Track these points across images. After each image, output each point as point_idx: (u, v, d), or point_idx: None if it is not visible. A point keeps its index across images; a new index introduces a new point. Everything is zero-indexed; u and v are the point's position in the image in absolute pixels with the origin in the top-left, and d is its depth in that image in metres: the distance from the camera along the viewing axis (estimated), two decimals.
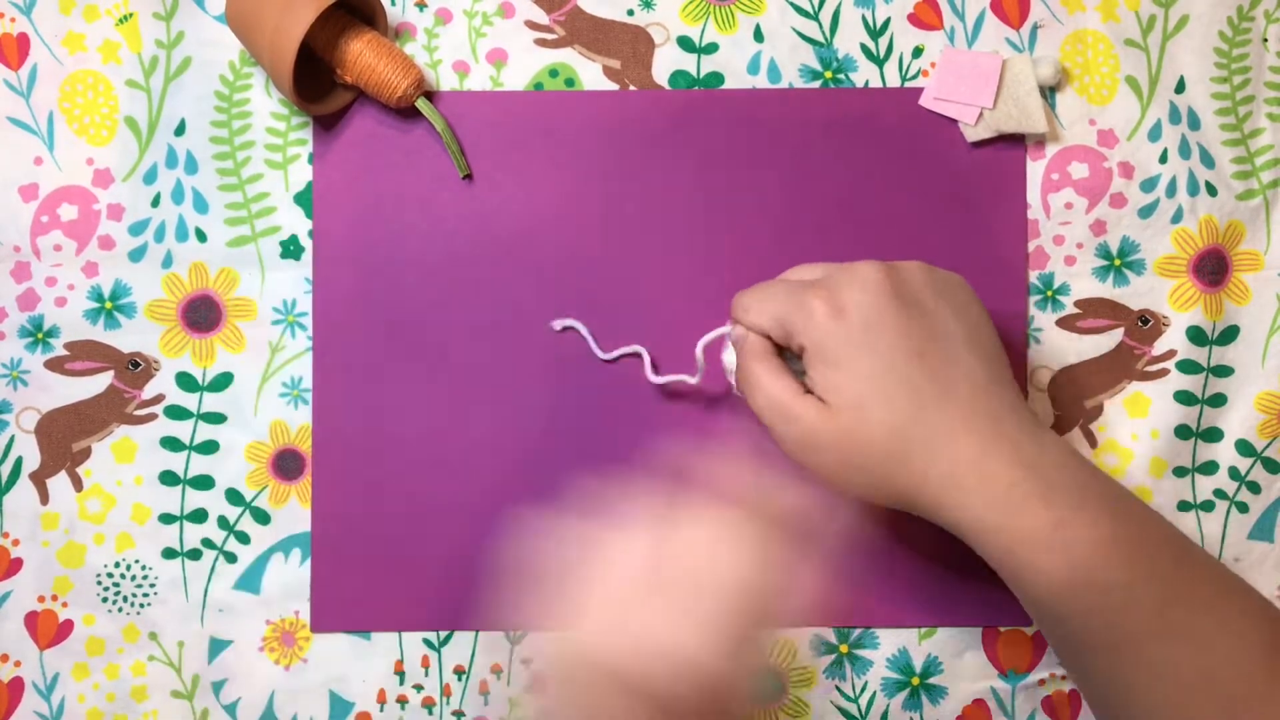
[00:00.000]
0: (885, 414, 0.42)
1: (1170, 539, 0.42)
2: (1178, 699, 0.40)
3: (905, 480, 0.42)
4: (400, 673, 0.54)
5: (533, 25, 0.55)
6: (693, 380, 0.50)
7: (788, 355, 0.46)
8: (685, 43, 0.55)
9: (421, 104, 0.52)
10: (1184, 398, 0.54)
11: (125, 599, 0.54)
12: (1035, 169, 0.54)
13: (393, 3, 0.55)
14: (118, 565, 0.54)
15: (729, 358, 0.48)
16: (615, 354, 0.53)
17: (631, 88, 0.55)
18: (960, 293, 0.45)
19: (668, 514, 0.42)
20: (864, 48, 0.55)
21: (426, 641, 0.54)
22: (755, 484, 0.43)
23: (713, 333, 0.49)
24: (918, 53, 0.55)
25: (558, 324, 0.53)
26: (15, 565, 0.54)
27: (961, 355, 0.43)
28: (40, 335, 0.54)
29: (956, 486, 0.41)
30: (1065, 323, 0.54)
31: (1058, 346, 0.54)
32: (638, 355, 0.53)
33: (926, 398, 0.42)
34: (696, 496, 0.42)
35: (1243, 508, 0.54)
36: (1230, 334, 0.54)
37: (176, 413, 0.54)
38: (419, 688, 0.54)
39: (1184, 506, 0.54)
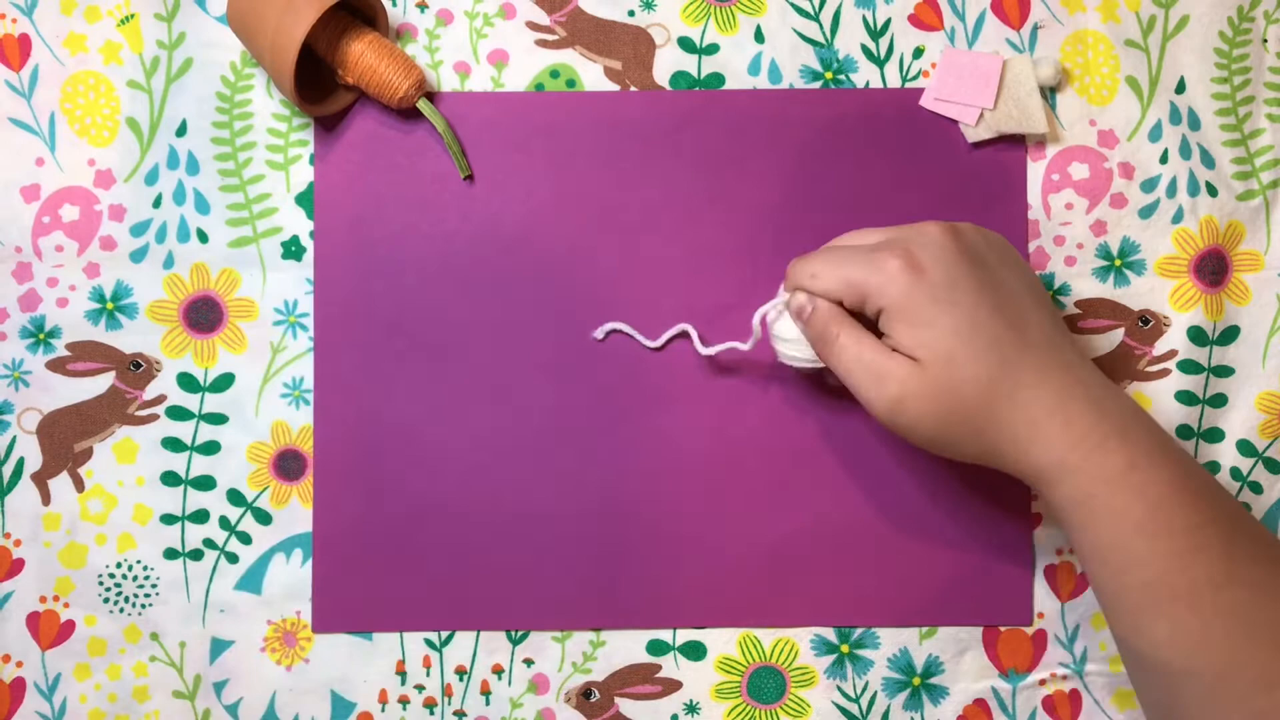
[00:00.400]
0: (974, 367, 0.43)
1: (1226, 493, 0.44)
2: (1247, 652, 0.40)
3: (993, 431, 0.43)
4: (402, 673, 0.54)
5: (534, 26, 0.55)
6: (745, 347, 0.50)
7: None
8: (686, 44, 0.55)
9: (423, 105, 0.53)
10: (1185, 398, 0.54)
11: (127, 599, 0.54)
12: (1035, 169, 0.54)
13: (394, 4, 0.55)
14: (119, 566, 0.54)
15: (783, 327, 0.48)
16: (663, 339, 0.53)
17: (632, 88, 0.55)
18: (1011, 251, 0.47)
19: None
20: (864, 48, 0.55)
21: (428, 641, 0.54)
22: None
23: (770, 303, 0.49)
24: (918, 53, 0.55)
25: (599, 332, 0.53)
26: (17, 566, 0.54)
27: (1030, 308, 0.45)
28: (42, 336, 0.54)
29: (1040, 432, 0.43)
30: (1066, 323, 0.54)
31: None
32: (685, 335, 0.53)
33: (1007, 349, 0.43)
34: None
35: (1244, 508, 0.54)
36: (1231, 334, 0.54)
37: (178, 413, 0.54)
38: (420, 688, 0.54)
39: None
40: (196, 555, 0.54)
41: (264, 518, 0.54)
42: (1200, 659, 0.41)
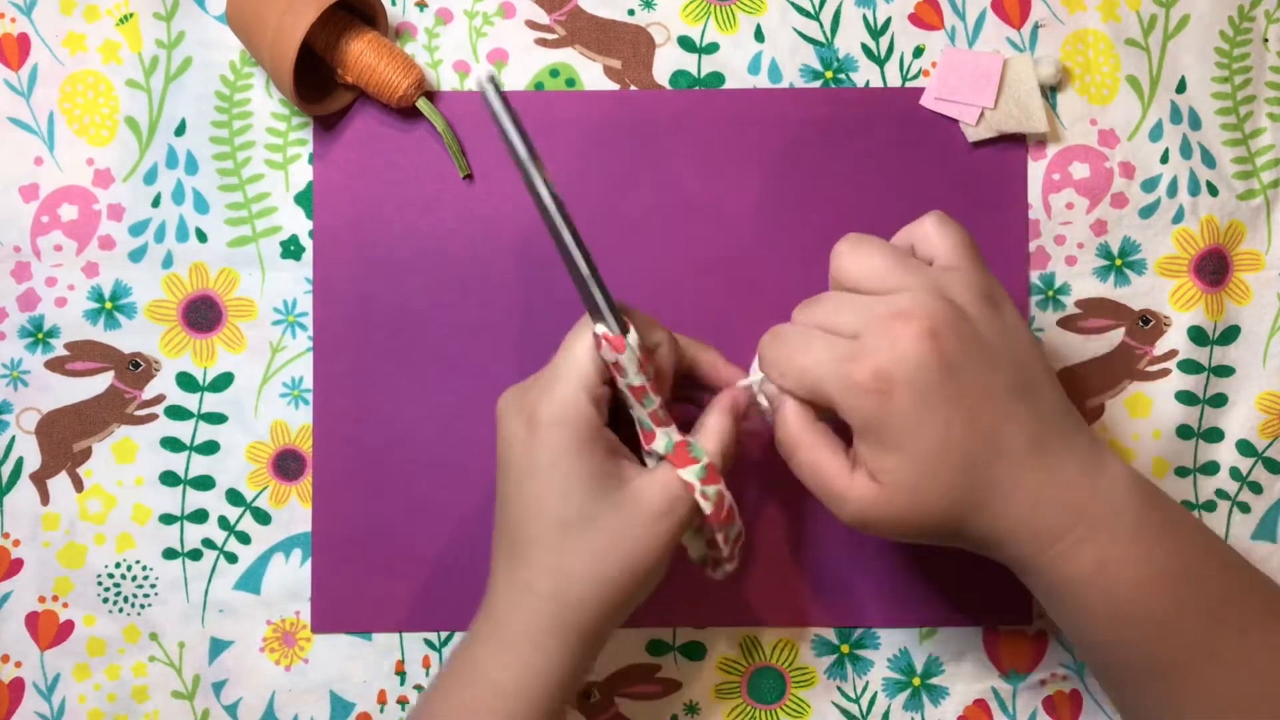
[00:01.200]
0: (941, 492, 0.40)
1: (1225, 565, 0.42)
2: None
3: (960, 538, 0.42)
4: (401, 673, 0.54)
5: (533, 25, 0.55)
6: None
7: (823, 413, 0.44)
8: (686, 42, 0.55)
9: (422, 104, 0.52)
10: (1185, 398, 0.54)
11: (126, 599, 0.54)
12: (1036, 169, 0.54)
13: (393, 3, 0.55)
14: (118, 566, 0.54)
15: (765, 401, 0.45)
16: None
17: (632, 88, 0.55)
18: (1000, 311, 0.42)
19: None
20: (865, 47, 0.55)
21: (427, 642, 0.54)
22: None
23: (743, 381, 0.45)
24: (918, 53, 0.55)
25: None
26: (16, 566, 0.54)
27: (1011, 406, 0.40)
28: (40, 335, 0.54)
29: (1009, 538, 0.41)
30: (1066, 323, 0.54)
31: (1059, 346, 0.54)
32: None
33: (980, 463, 0.40)
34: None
35: (1244, 508, 0.54)
36: (1231, 334, 0.54)
37: (177, 413, 0.54)
38: (420, 688, 0.54)
39: (1186, 507, 0.54)
40: (195, 555, 0.54)
41: (263, 518, 0.54)
42: None
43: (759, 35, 0.55)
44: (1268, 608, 0.42)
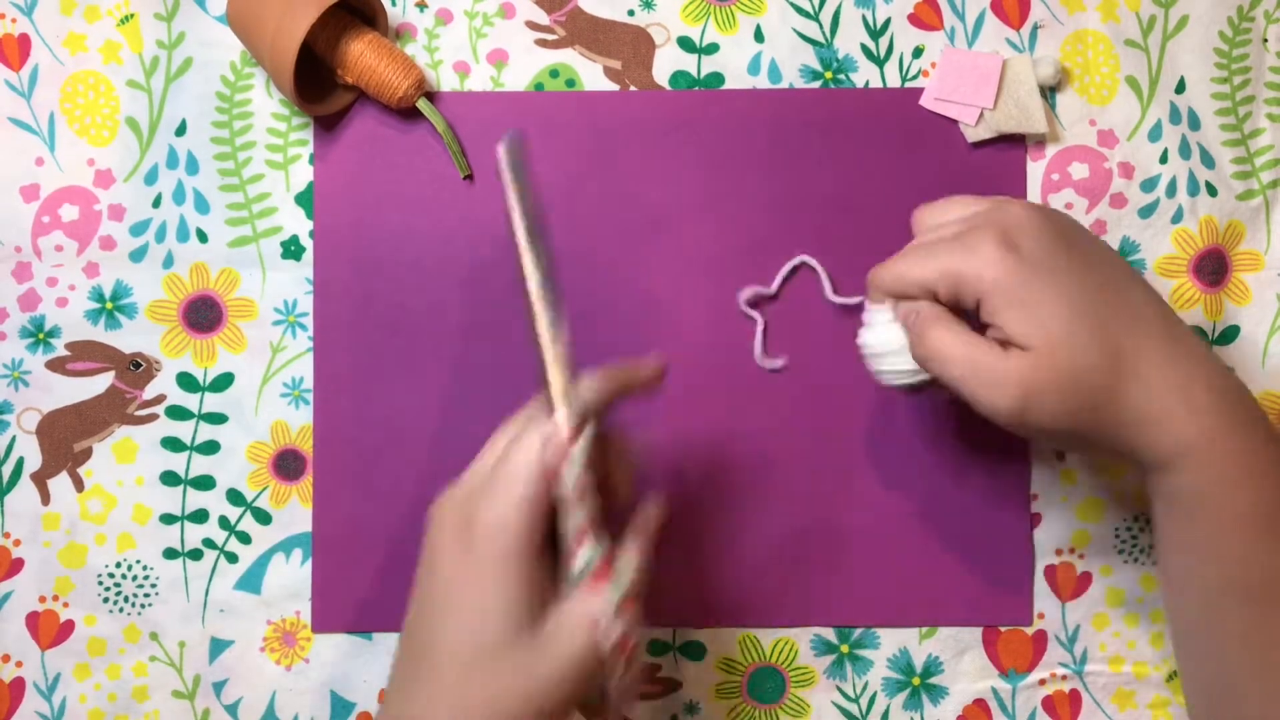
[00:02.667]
0: (1094, 346, 0.40)
1: None
2: None
3: (1120, 415, 0.40)
4: None
5: (533, 26, 0.55)
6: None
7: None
8: (686, 43, 0.55)
9: (422, 104, 0.52)
10: None
11: (126, 599, 0.54)
12: (1035, 169, 0.54)
13: (393, 3, 0.55)
14: (119, 565, 0.54)
15: (877, 338, 0.45)
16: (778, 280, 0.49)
17: (632, 88, 0.55)
18: (1087, 230, 0.45)
19: None
20: (864, 48, 0.55)
21: None
22: None
23: (867, 318, 0.45)
24: (918, 53, 0.55)
25: (769, 364, 0.50)
26: (16, 565, 0.54)
27: (1130, 284, 0.42)
28: (41, 336, 0.54)
29: (1168, 414, 0.40)
30: None
31: None
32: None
33: (1121, 328, 0.40)
34: None
35: None
36: (1230, 334, 0.54)
37: (177, 413, 0.54)
38: None
39: None
40: (196, 555, 0.54)
41: (263, 517, 0.54)
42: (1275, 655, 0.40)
43: (759, 36, 0.55)
44: None
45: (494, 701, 0.39)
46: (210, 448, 0.54)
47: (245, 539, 0.54)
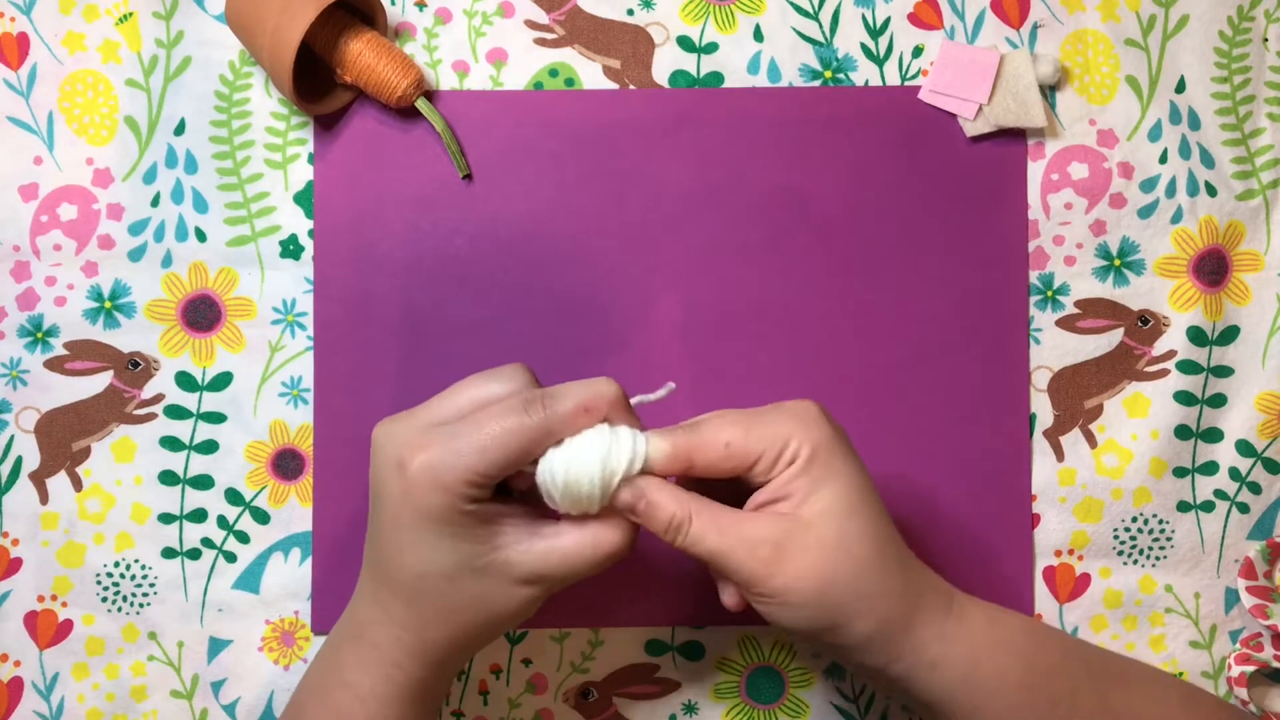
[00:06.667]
0: (869, 521, 0.41)
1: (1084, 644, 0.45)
2: None
3: (879, 601, 0.40)
4: None
5: (532, 25, 0.55)
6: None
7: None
8: (685, 42, 0.55)
9: (421, 104, 0.52)
10: (1184, 398, 0.54)
11: (125, 599, 0.54)
12: (1035, 169, 0.54)
13: (392, 2, 0.55)
14: (117, 565, 0.54)
15: (585, 458, 0.40)
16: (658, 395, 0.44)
17: (631, 87, 0.55)
18: None
19: None
20: (864, 47, 0.55)
21: None
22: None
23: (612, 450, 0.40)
24: (918, 52, 0.55)
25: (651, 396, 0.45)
26: (15, 565, 0.54)
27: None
28: (40, 335, 0.54)
29: (923, 599, 0.42)
30: (1065, 323, 0.54)
31: (1058, 346, 0.54)
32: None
33: (887, 526, 0.42)
34: None
35: (1243, 508, 0.54)
36: (1230, 334, 0.54)
37: (176, 412, 0.54)
38: None
39: (1184, 507, 0.54)
40: (194, 554, 0.54)
41: (262, 517, 0.54)
42: None
43: (758, 35, 0.55)
44: (1139, 669, 0.45)
45: (451, 615, 0.41)
46: (209, 447, 0.54)
47: (244, 538, 0.54)
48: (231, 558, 0.54)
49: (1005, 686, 0.41)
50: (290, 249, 0.54)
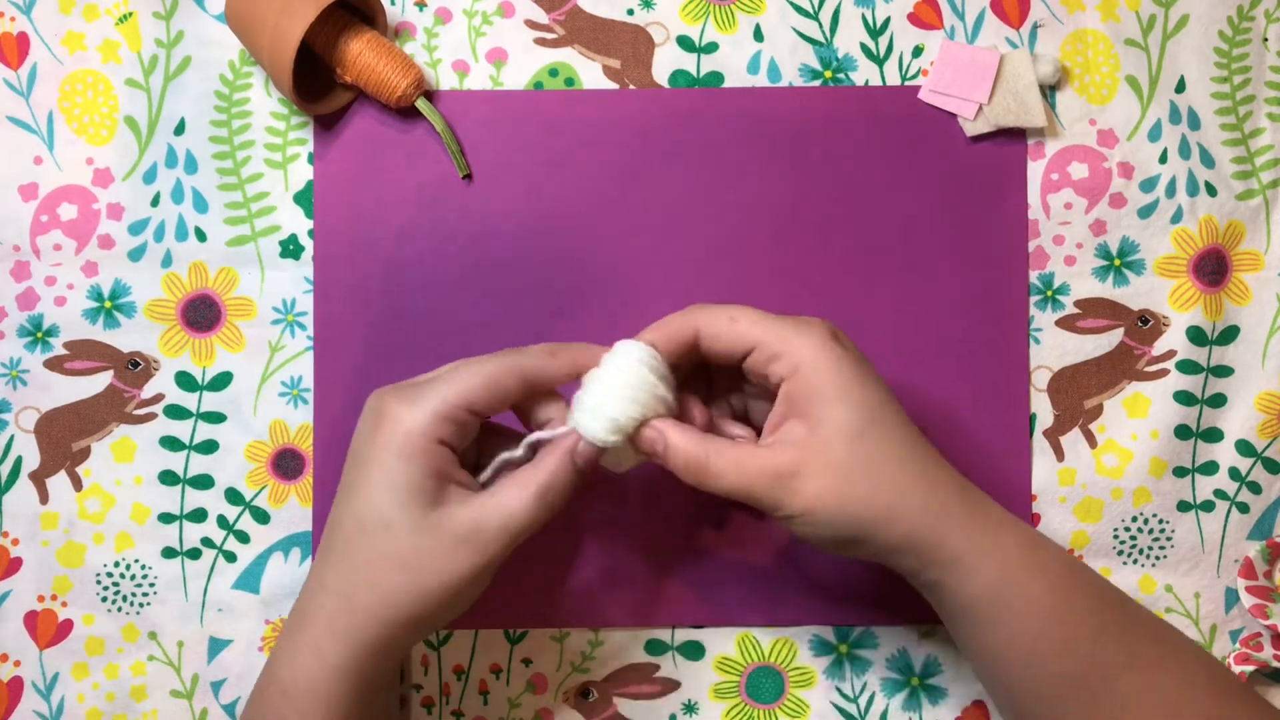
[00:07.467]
0: (888, 441, 0.42)
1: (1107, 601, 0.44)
2: None
3: (905, 515, 0.42)
4: (399, 672, 0.54)
5: (532, 25, 0.55)
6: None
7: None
8: (685, 42, 0.55)
9: (421, 104, 0.52)
10: (1184, 398, 0.54)
11: (125, 598, 0.54)
12: (1035, 169, 0.54)
13: (392, 2, 0.55)
14: (117, 565, 0.54)
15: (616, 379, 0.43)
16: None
17: (631, 87, 0.55)
18: None
19: None
20: (864, 47, 0.55)
21: (426, 641, 0.54)
22: None
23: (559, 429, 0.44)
24: (918, 52, 0.55)
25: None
26: (15, 565, 0.54)
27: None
28: (40, 334, 0.54)
29: (952, 514, 0.42)
30: (1065, 323, 0.54)
31: (1058, 346, 0.54)
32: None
33: (913, 430, 0.43)
34: None
35: (1243, 508, 0.54)
36: (1230, 334, 0.54)
37: (176, 412, 0.54)
38: (418, 688, 0.54)
39: (1184, 507, 0.54)
40: (194, 554, 0.54)
41: (262, 517, 0.54)
42: None
43: (758, 35, 0.55)
44: (1157, 623, 0.44)
45: (379, 572, 0.41)
46: (209, 447, 0.54)
47: (244, 538, 0.54)
48: (231, 558, 0.54)
49: (1032, 612, 0.42)
50: (290, 249, 0.54)
